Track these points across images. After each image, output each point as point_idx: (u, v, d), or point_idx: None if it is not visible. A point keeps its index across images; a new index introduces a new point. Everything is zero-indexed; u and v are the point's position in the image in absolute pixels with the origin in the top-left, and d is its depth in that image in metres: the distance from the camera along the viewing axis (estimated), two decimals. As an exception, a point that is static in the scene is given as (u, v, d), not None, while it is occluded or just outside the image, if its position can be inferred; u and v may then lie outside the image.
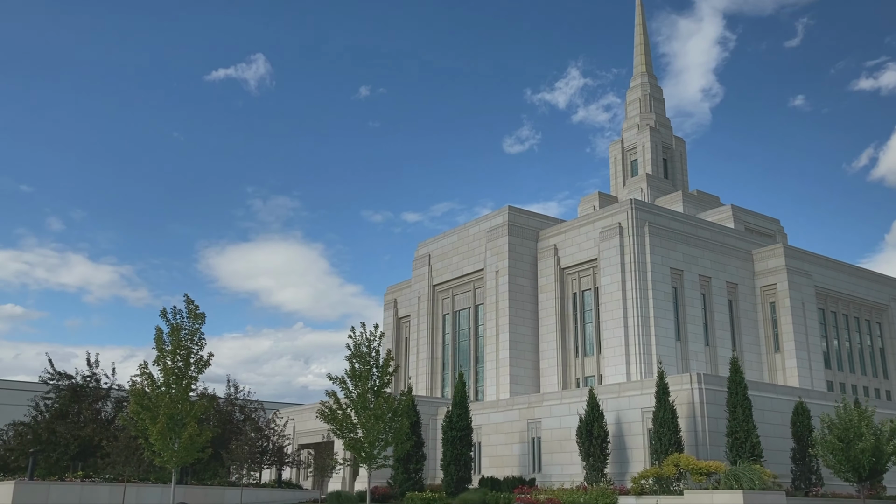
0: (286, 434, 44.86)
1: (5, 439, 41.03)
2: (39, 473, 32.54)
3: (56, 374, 38.06)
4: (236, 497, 33.67)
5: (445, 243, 66.34)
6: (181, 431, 22.29)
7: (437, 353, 64.97)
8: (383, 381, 30.06)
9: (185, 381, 22.73)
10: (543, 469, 40.22)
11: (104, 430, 34.07)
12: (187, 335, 22.93)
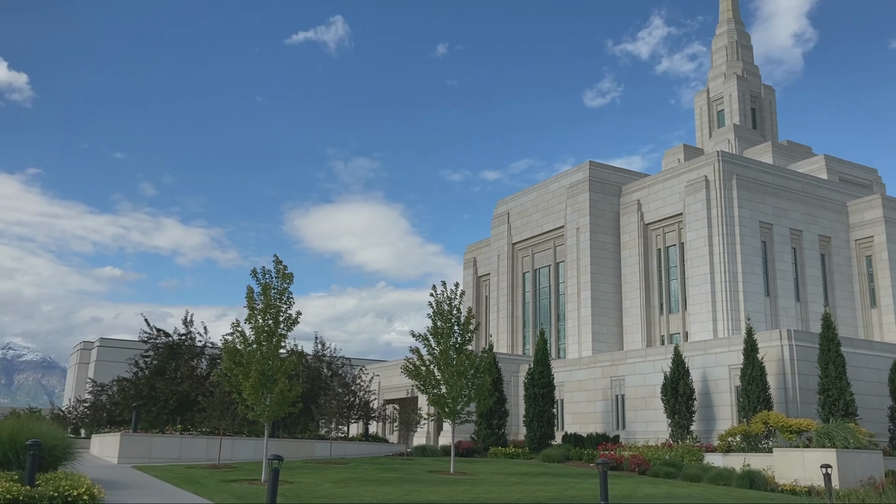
0: (372, 389, 45.95)
1: (110, 394, 43.46)
2: (142, 426, 34.41)
3: (153, 333, 39.89)
4: (325, 450, 34.84)
5: (524, 201, 65.90)
6: (272, 387, 23.07)
7: (518, 311, 65.04)
8: (465, 338, 30.36)
9: (274, 338, 23.43)
10: (627, 426, 40.07)
11: (200, 386, 35.63)
12: (276, 294, 23.58)
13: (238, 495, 19.02)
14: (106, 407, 43.16)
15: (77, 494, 16.29)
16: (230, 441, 31.53)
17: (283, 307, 23.57)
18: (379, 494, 20.28)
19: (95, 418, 44.73)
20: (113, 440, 31.56)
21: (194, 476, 23.77)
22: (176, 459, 30.12)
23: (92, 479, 18.24)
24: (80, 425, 50.28)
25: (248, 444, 32.51)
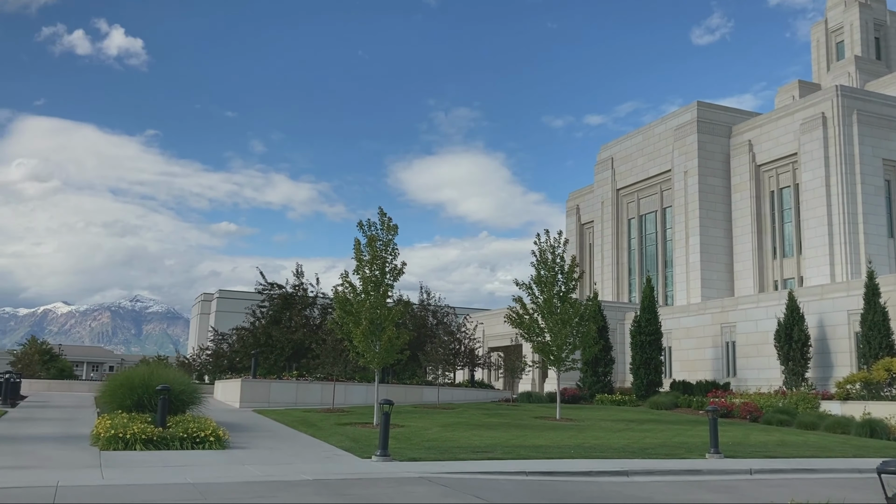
0: (476, 338, 46.60)
1: (230, 342, 45.84)
2: (260, 372, 36.23)
3: (268, 285, 41.65)
4: (433, 395, 35.76)
5: (629, 145, 64.24)
6: (381, 335, 23.77)
7: (623, 258, 64.02)
8: (569, 286, 30.21)
9: (381, 288, 24.04)
10: (738, 373, 39.14)
11: (313, 335, 37.07)
12: (382, 246, 24.11)
13: (353, 438, 19.88)
14: (227, 354, 45.55)
15: (204, 436, 17.44)
16: (343, 386, 32.80)
17: (388, 258, 24.10)
18: (486, 438, 20.74)
19: (217, 365, 47.32)
20: (234, 386, 33.40)
21: (311, 419, 24.94)
22: (293, 404, 31.64)
23: (217, 421, 19.45)
24: (203, 372, 53.36)
25: (359, 389, 33.75)
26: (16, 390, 30.47)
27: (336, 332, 26.05)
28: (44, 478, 12.47)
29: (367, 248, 24.05)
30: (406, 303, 32.11)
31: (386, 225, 24.26)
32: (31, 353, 62.78)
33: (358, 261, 24.01)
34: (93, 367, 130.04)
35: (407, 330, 26.85)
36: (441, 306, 45.15)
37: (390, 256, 24.15)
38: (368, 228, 24.17)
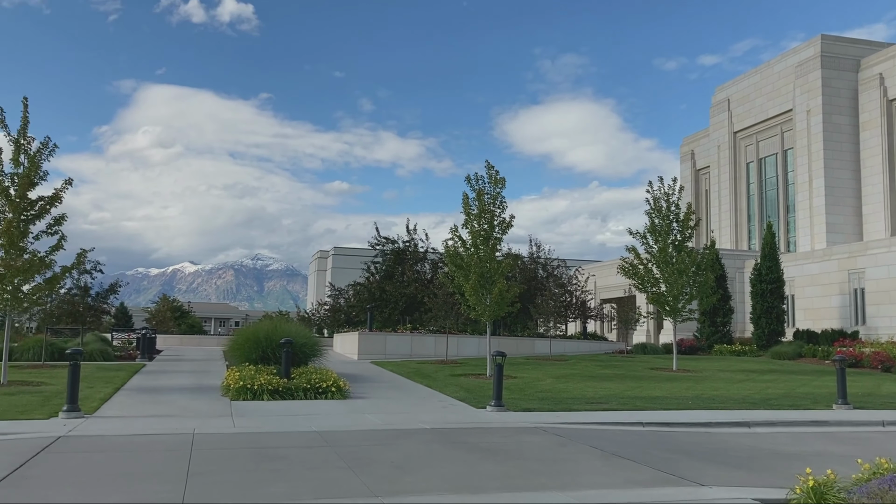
0: (588, 289, 46.14)
1: (346, 297, 47.30)
2: (376, 325, 37.26)
3: (381, 241, 42.55)
4: (545, 347, 35.81)
5: (746, 85, 61.13)
6: (491, 288, 23.89)
7: (741, 204, 61.49)
8: (684, 235, 29.33)
9: (490, 241, 24.08)
10: (867, 321, 37.17)
11: (425, 289, 37.72)
12: (490, 199, 24.06)
13: (466, 388, 20.22)
14: (343, 309, 47.04)
15: (326, 386, 18.16)
16: (455, 339, 33.31)
17: (496, 211, 24.05)
18: (601, 389, 20.64)
19: (335, 319, 48.96)
20: (352, 338, 34.52)
21: (425, 370, 25.51)
22: (408, 356, 32.43)
23: (337, 373, 20.20)
24: (322, 326, 55.35)
25: (471, 341, 34.19)
26: (152, 345, 32.58)
27: (448, 285, 26.37)
28: (182, 425, 13.36)
29: (474, 202, 24.08)
30: (515, 256, 32.13)
31: (493, 178, 24.17)
32: (163, 310, 66.94)
33: (466, 215, 24.08)
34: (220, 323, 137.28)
35: (517, 283, 26.85)
36: (551, 259, 44.89)
37: (498, 210, 24.09)
38: (476, 182, 24.15)
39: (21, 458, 10.08)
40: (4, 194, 18.91)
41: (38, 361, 26.60)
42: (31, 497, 8.03)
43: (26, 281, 19.55)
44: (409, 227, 42.10)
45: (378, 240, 42.43)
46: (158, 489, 8.46)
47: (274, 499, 8.08)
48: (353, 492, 8.52)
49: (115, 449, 11.15)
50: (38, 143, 19.57)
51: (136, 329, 53.54)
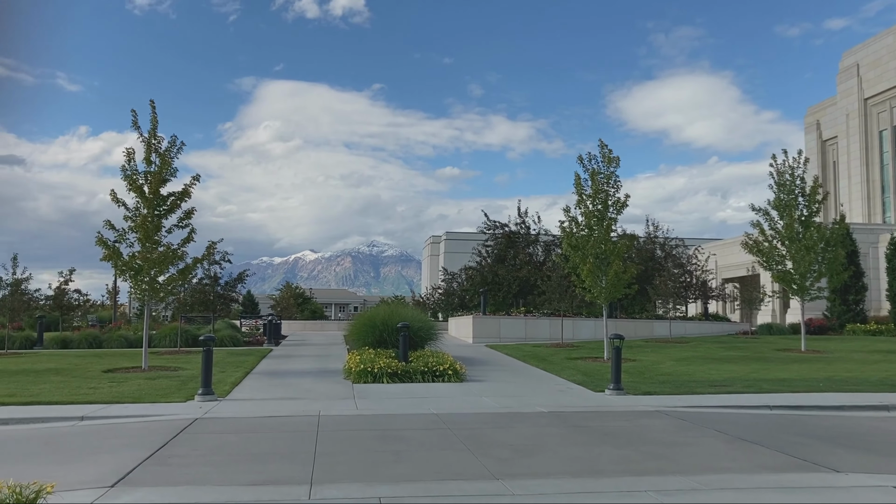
0: (709, 269, 44.62)
1: (459, 282, 47.72)
2: (490, 309, 37.42)
3: (491, 224, 42.62)
4: (664, 329, 34.96)
5: (878, 47, 57.20)
6: (607, 269, 23.51)
7: (874, 174, 57.78)
8: (811, 210, 27.87)
9: (605, 222, 23.67)
10: None
11: (538, 271, 37.54)
12: (603, 179, 23.63)
13: (583, 372, 20.03)
14: (457, 293, 47.50)
15: (443, 369, 18.42)
16: (571, 321, 33.02)
17: (610, 191, 23.59)
18: (724, 372, 19.98)
19: (449, 303, 49.51)
20: (466, 322, 34.82)
21: (541, 354, 25.44)
22: (522, 339, 32.41)
23: (453, 356, 20.45)
24: (437, 310, 56.09)
25: (587, 324, 33.79)
26: (278, 330, 33.99)
27: (563, 266, 26.15)
28: (308, 407, 13.90)
29: (587, 182, 23.71)
30: (631, 236, 31.45)
31: (606, 157, 23.70)
32: (286, 297, 69.66)
33: (579, 195, 23.76)
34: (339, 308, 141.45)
35: (633, 264, 26.28)
36: (669, 238, 43.71)
37: (612, 189, 23.62)
38: (588, 162, 23.75)
39: (163, 438, 10.77)
40: (139, 191, 20.13)
41: (174, 347, 28.27)
42: (174, 474, 8.58)
43: (161, 272, 20.76)
44: (520, 210, 41.97)
45: (488, 224, 42.55)
46: (288, 468, 8.85)
47: (397, 479, 8.30)
48: (474, 473, 8.63)
49: (247, 430, 11.73)
50: (167, 142, 20.70)
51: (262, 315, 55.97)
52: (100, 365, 21.09)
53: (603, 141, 23.98)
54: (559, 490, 7.95)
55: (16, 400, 14.55)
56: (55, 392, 15.66)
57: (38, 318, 31.01)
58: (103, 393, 15.52)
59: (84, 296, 37.05)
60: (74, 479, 8.01)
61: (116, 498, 7.42)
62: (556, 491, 7.91)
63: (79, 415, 12.99)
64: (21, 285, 27.61)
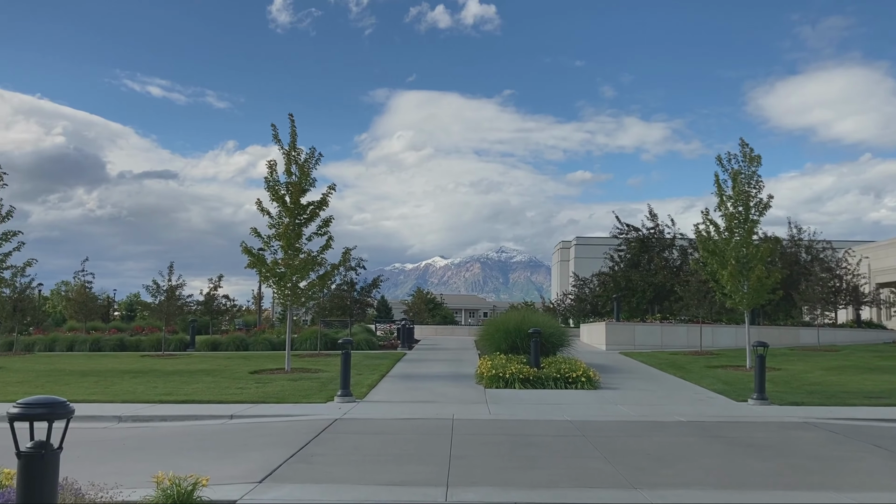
0: (861, 273, 41.78)
1: (591, 287, 46.99)
2: (623, 315, 36.63)
3: (624, 229, 41.73)
4: (811, 337, 33.01)
5: None
6: (749, 274, 22.48)
7: None
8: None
9: (746, 225, 22.65)
10: None
11: (674, 277, 36.41)
12: (745, 179, 22.61)
13: (724, 380, 19.24)
14: (588, 299, 46.80)
15: (576, 376, 18.19)
16: (710, 328, 31.80)
17: (752, 192, 22.55)
18: (880, 383, 18.63)
19: (580, 309, 48.86)
20: (599, 328, 34.23)
21: (678, 361, 24.63)
22: (657, 346, 31.50)
23: (586, 363, 20.14)
24: (567, 316, 55.50)
25: (727, 331, 32.43)
26: (410, 335, 34.67)
27: (702, 272, 25.24)
28: (442, 411, 14.09)
29: (727, 182, 22.77)
30: (775, 239, 29.97)
31: (748, 156, 22.66)
32: (418, 302, 71.06)
33: (719, 197, 22.84)
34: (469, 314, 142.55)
35: (777, 268, 24.99)
36: (815, 241, 41.27)
37: (754, 190, 22.57)
38: (728, 162, 22.80)
39: (306, 437, 11.22)
40: (281, 201, 21.11)
41: (314, 350, 29.41)
42: (316, 472, 8.92)
43: (302, 278, 21.69)
44: (651, 213, 40.86)
45: (620, 228, 41.67)
46: (424, 470, 9.00)
47: (533, 484, 8.26)
48: (610, 481, 8.46)
49: (384, 431, 12.03)
50: (306, 154, 21.61)
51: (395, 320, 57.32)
52: (246, 366, 22.24)
53: (744, 140, 22.96)
54: (701, 501, 7.66)
55: (172, 398, 15.59)
56: (207, 392, 16.65)
57: (190, 322, 33.07)
58: (250, 393, 16.36)
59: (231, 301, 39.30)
60: (225, 474, 8.48)
61: (264, 493, 7.79)
62: (697, 502, 7.63)
63: (228, 413, 13.75)
64: (175, 291, 29.57)
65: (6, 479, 6.45)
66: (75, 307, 36.70)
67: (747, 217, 22.50)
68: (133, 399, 15.58)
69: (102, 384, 18.20)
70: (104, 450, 10.45)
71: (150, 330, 34.41)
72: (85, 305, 36.34)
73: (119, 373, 20.75)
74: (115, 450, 10.53)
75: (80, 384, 18.13)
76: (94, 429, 12.17)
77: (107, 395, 16.10)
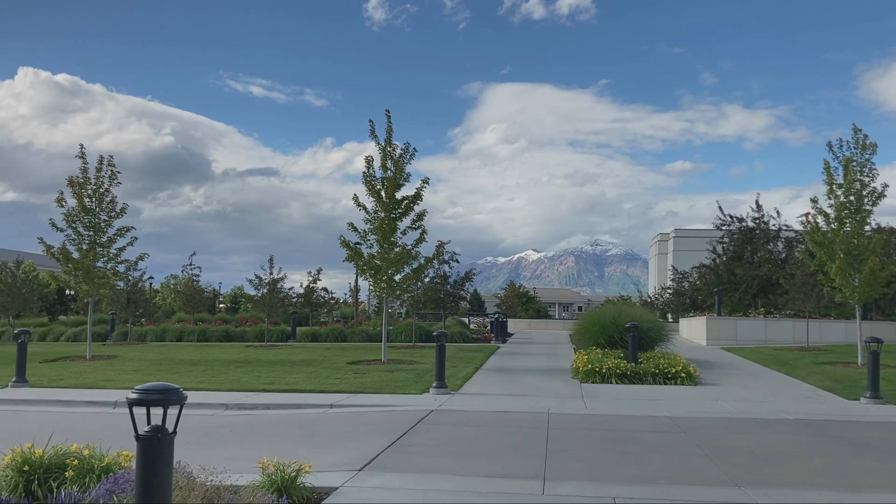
0: None
1: (691, 281, 45.72)
2: (725, 310, 35.48)
3: (726, 220, 40.38)
4: (931, 334, 31.12)
5: None
6: (860, 267, 21.36)
7: None
8: None
9: (858, 215, 21.51)
10: None
11: (779, 269, 34.99)
12: (857, 167, 21.47)
13: (833, 378, 18.39)
14: (688, 293, 45.57)
15: (675, 371, 17.76)
16: (817, 323, 30.43)
17: (865, 180, 21.40)
18: None
19: (679, 303, 47.62)
20: (699, 323, 33.29)
21: (783, 357, 23.71)
22: (761, 341, 30.39)
23: (685, 358, 19.64)
24: (665, 310, 54.22)
25: (836, 326, 30.96)
26: (504, 328, 34.67)
27: (809, 264, 24.17)
28: (537, 404, 14.04)
29: (837, 171, 21.69)
30: (890, 230, 28.40)
31: (861, 143, 21.50)
32: (511, 296, 70.93)
33: (829, 186, 21.78)
34: (563, 308, 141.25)
35: (893, 261, 23.65)
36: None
37: (867, 178, 21.41)
38: (839, 149, 21.69)
39: (402, 427, 11.40)
40: (377, 196, 21.46)
41: (409, 343, 29.79)
42: (413, 462, 9.05)
43: (398, 271, 21.99)
44: (758, 204, 39.36)
45: (722, 219, 40.34)
46: (521, 462, 9.00)
47: (631, 481, 8.14)
48: (712, 479, 8.24)
49: (479, 424, 12.08)
50: (401, 149, 21.87)
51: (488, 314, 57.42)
52: (345, 357, 22.75)
53: (856, 125, 21.80)
54: (809, 502, 7.36)
55: (275, 387, 16.13)
56: (308, 381, 17.14)
57: (291, 314, 34.05)
58: (348, 383, 16.74)
59: (330, 294, 40.22)
60: (326, 461, 8.71)
61: (364, 481, 7.97)
62: (805, 502, 7.34)
63: (328, 402, 14.12)
64: (277, 284, 30.51)
65: (125, 461, 6.86)
66: (183, 299, 38.34)
67: (859, 207, 21.36)
68: (238, 387, 16.21)
69: (210, 373, 19.01)
70: (212, 436, 10.92)
71: (254, 321, 35.61)
72: (192, 298, 37.94)
73: (225, 362, 21.61)
74: (222, 436, 10.98)
75: (189, 373, 18.99)
76: (202, 415, 12.73)
77: (214, 384, 16.80)
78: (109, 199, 23.33)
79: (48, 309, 53.91)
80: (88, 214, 22.94)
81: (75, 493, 6.14)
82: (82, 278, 23.04)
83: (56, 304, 57.00)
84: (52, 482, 6.58)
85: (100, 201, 23.16)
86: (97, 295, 24.47)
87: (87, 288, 23.33)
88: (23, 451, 6.77)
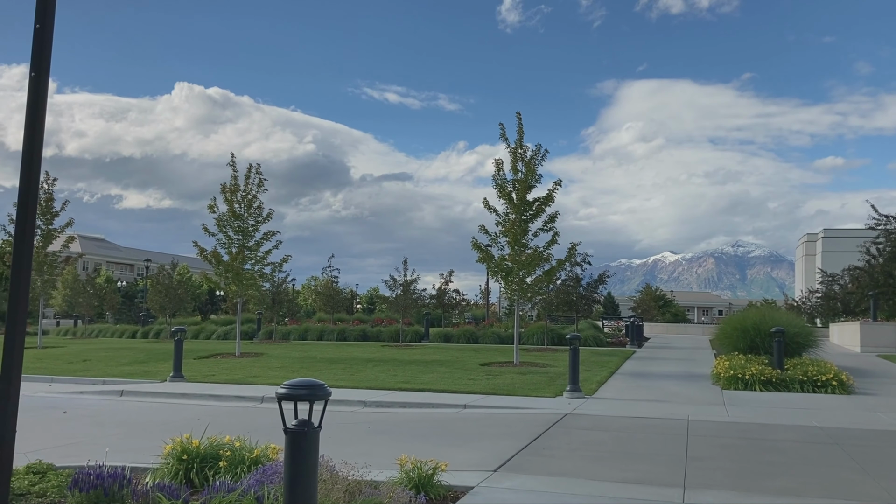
0: None
1: (842, 284, 42.96)
2: (882, 315, 33.09)
3: (881, 219, 37.66)
4: None
5: None
6: None
7: None
8: None
9: None
10: None
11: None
12: None
13: None
14: (839, 296, 42.87)
15: (825, 379, 16.75)
16: None
17: None
18: None
19: (829, 308, 44.89)
20: (852, 329, 31.26)
21: (950, 368, 21.86)
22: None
23: (837, 365, 18.49)
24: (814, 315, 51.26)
25: None
26: (640, 332, 33.83)
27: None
28: (675, 411, 13.63)
29: None
30: None
31: None
32: (647, 299, 69.10)
33: None
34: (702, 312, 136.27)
35: None
36: None
37: None
38: None
39: (536, 430, 11.38)
40: (507, 198, 21.53)
41: (541, 345, 29.66)
42: (548, 465, 9.02)
43: (529, 273, 21.97)
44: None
45: (877, 219, 37.65)
46: (659, 470, 8.77)
47: (777, 493, 7.76)
48: (868, 495, 7.73)
49: (615, 429, 11.88)
50: (532, 151, 21.83)
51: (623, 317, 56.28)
52: (477, 359, 22.95)
53: None
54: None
55: (410, 386, 16.50)
56: (441, 381, 17.43)
57: (424, 315, 34.73)
58: (481, 384, 16.89)
59: (461, 295, 40.69)
60: (461, 461, 8.83)
61: (499, 482, 8.02)
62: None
63: (461, 403, 14.31)
64: (410, 286, 31.20)
65: (272, 454, 7.25)
66: (323, 300, 39.91)
67: None
68: (376, 386, 16.71)
69: (348, 371, 19.69)
70: (352, 432, 11.31)
71: (389, 322, 36.57)
72: (331, 298, 39.44)
73: (363, 361, 22.32)
74: (361, 433, 11.36)
75: (329, 370, 19.75)
76: (342, 412, 13.21)
77: (352, 382, 17.40)
78: (257, 204, 24.69)
79: (200, 308, 57.61)
80: (238, 219, 24.36)
81: (228, 483, 6.54)
82: (232, 279, 24.48)
83: (207, 303, 60.79)
84: (207, 471, 7.05)
85: (248, 207, 24.54)
86: (245, 295, 25.92)
87: (235, 289, 24.76)
88: (181, 441, 7.29)
